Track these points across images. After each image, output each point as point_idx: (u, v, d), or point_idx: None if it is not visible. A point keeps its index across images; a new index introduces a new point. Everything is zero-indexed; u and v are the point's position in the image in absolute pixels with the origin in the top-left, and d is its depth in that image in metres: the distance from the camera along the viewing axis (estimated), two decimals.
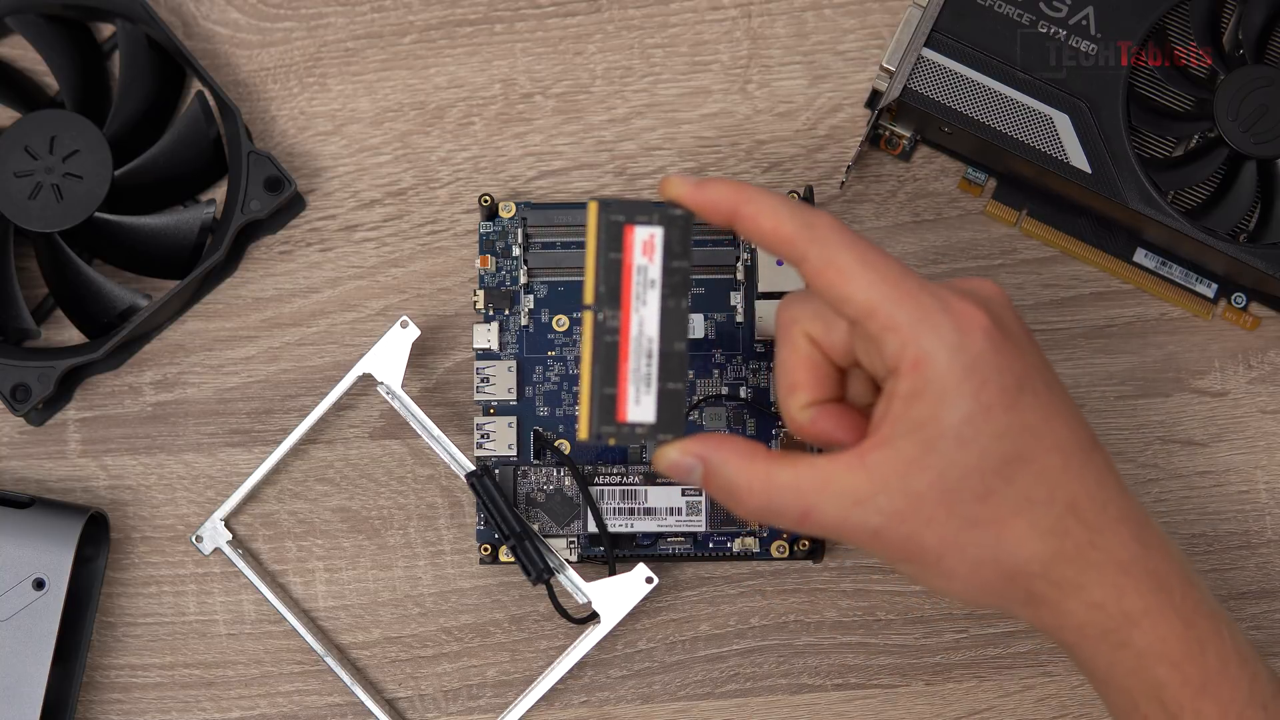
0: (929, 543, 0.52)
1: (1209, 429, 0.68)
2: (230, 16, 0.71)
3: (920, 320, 0.51)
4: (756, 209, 0.54)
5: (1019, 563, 0.52)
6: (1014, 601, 0.53)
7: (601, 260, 0.54)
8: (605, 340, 0.54)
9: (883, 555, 0.53)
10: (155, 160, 0.68)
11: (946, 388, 0.51)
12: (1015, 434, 0.52)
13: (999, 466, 0.52)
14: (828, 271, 0.52)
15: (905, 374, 0.51)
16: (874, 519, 0.52)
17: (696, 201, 0.54)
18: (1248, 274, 0.66)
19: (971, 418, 0.51)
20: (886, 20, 0.71)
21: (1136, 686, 0.53)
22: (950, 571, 0.53)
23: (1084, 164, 0.64)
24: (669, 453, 0.54)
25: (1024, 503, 0.52)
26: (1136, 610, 0.52)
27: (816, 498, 0.52)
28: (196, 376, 0.69)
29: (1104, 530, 0.53)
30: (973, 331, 0.52)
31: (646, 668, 0.67)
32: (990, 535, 0.52)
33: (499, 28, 0.71)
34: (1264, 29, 0.65)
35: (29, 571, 0.64)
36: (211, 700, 0.67)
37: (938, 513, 0.52)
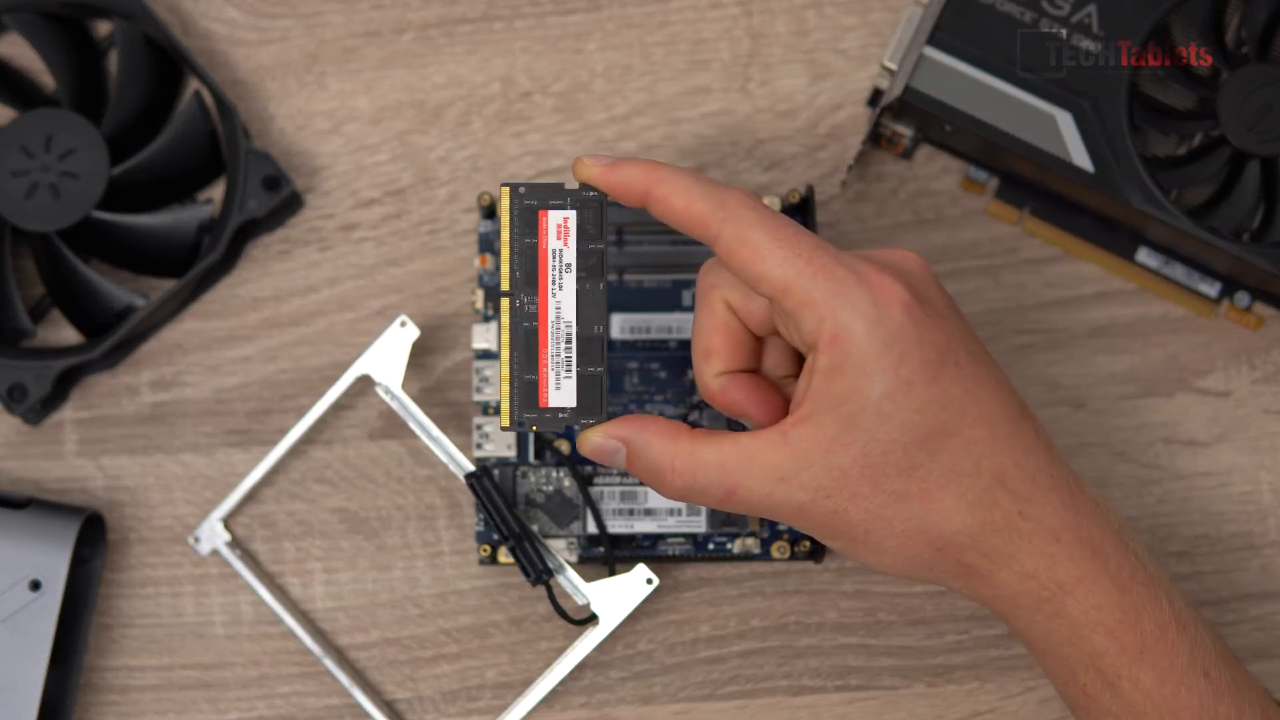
0: (855, 518, 0.52)
1: (1212, 429, 0.68)
2: (228, 14, 0.71)
3: (836, 294, 0.51)
4: (668, 189, 0.54)
5: (947, 535, 0.52)
6: (946, 574, 0.53)
7: (516, 245, 0.54)
8: (523, 326, 0.54)
9: (810, 531, 0.53)
10: (152, 159, 0.68)
11: (865, 361, 0.51)
12: (938, 407, 0.52)
13: (922, 440, 0.52)
14: (742, 250, 0.52)
15: (824, 349, 0.52)
16: (798, 495, 0.52)
17: (609, 183, 0.54)
18: (1251, 273, 0.66)
19: (892, 392, 0.51)
20: (888, 18, 0.70)
21: (1074, 655, 0.53)
22: (879, 545, 0.53)
23: (1086, 163, 0.64)
24: (592, 436, 0.55)
25: (950, 475, 0.52)
26: (1069, 578, 0.52)
27: (741, 475, 0.52)
28: (194, 376, 0.69)
29: (1033, 499, 0.52)
30: (890, 305, 0.52)
31: (646, 669, 0.67)
32: (917, 509, 0.52)
33: (498, 26, 0.71)
34: (1267, 27, 0.65)
35: (25, 573, 0.64)
36: (209, 702, 0.67)
37: (862, 487, 0.52)
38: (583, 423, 0.55)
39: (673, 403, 0.66)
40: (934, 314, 0.53)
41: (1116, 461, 0.68)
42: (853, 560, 0.54)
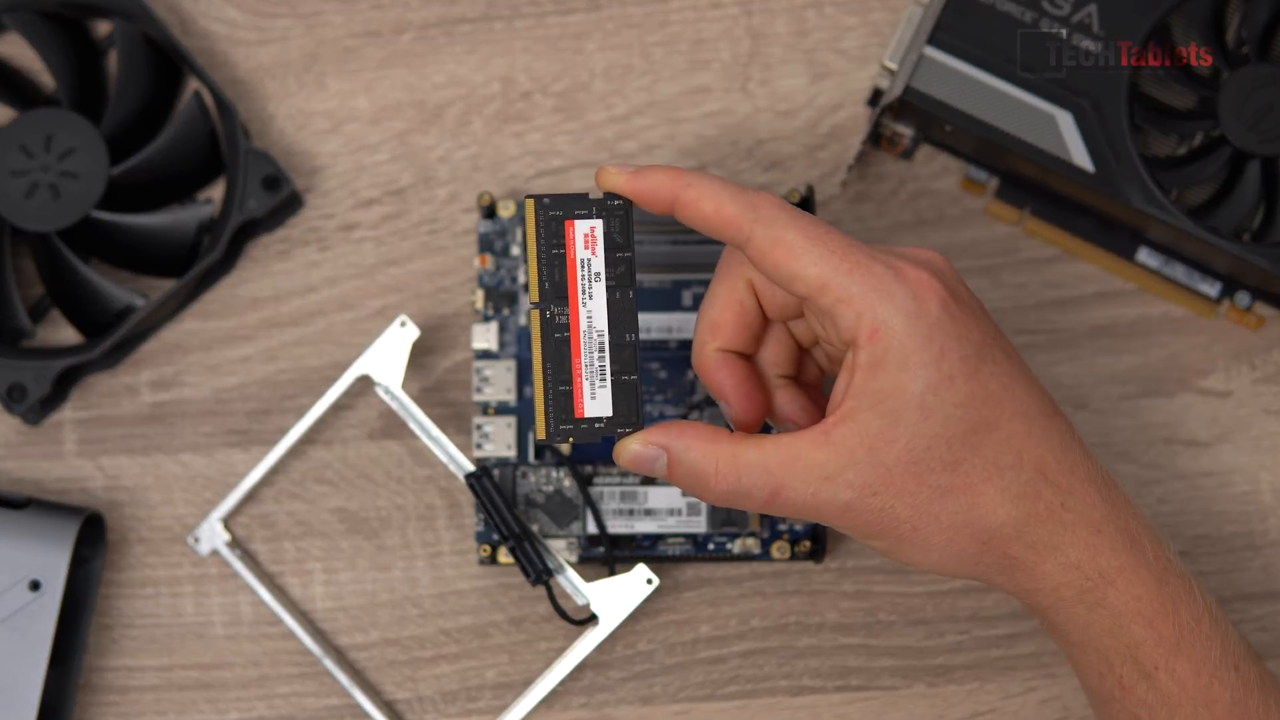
0: (902, 514, 0.52)
1: (1213, 429, 0.68)
2: (228, 14, 0.71)
3: (874, 289, 0.52)
4: (697, 193, 0.53)
5: (993, 527, 0.52)
6: (991, 568, 0.54)
7: (543, 256, 0.54)
8: (555, 337, 0.54)
9: (855, 531, 0.53)
10: (152, 159, 0.68)
11: (907, 355, 0.51)
12: (978, 402, 0.52)
13: (965, 434, 0.52)
14: (775, 250, 0.52)
15: (864, 344, 0.52)
16: (844, 494, 0.52)
17: (635, 190, 0.54)
18: (1252, 273, 0.66)
19: (935, 386, 0.51)
20: (888, 18, 0.70)
21: (1113, 646, 0.53)
22: (925, 542, 0.53)
23: (1087, 163, 0.64)
24: (630, 445, 0.54)
25: (993, 469, 0.52)
26: (1111, 568, 0.53)
27: (785, 474, 0.52)
28: (194, 376, 0.69)
29: (1074, 491, 0.53)
30: (928, 300, 0.52)
31: (646, 669, 0.67)
32: (963, 503, 0.52)
33: (498, 25, 0.71)
34: (1268, 27, 0.65)
35: (25, 573, 0.64)
36: (209, 702, 0.67)
37: (908, 484, 0.52)
38: (619, 432, 0.54)
39: (673, 403, 0.66)
40: (967, 310, 0.53)
41: (1117, 461, 0.68)
42: (897, 560, 0.54)
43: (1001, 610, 0.67)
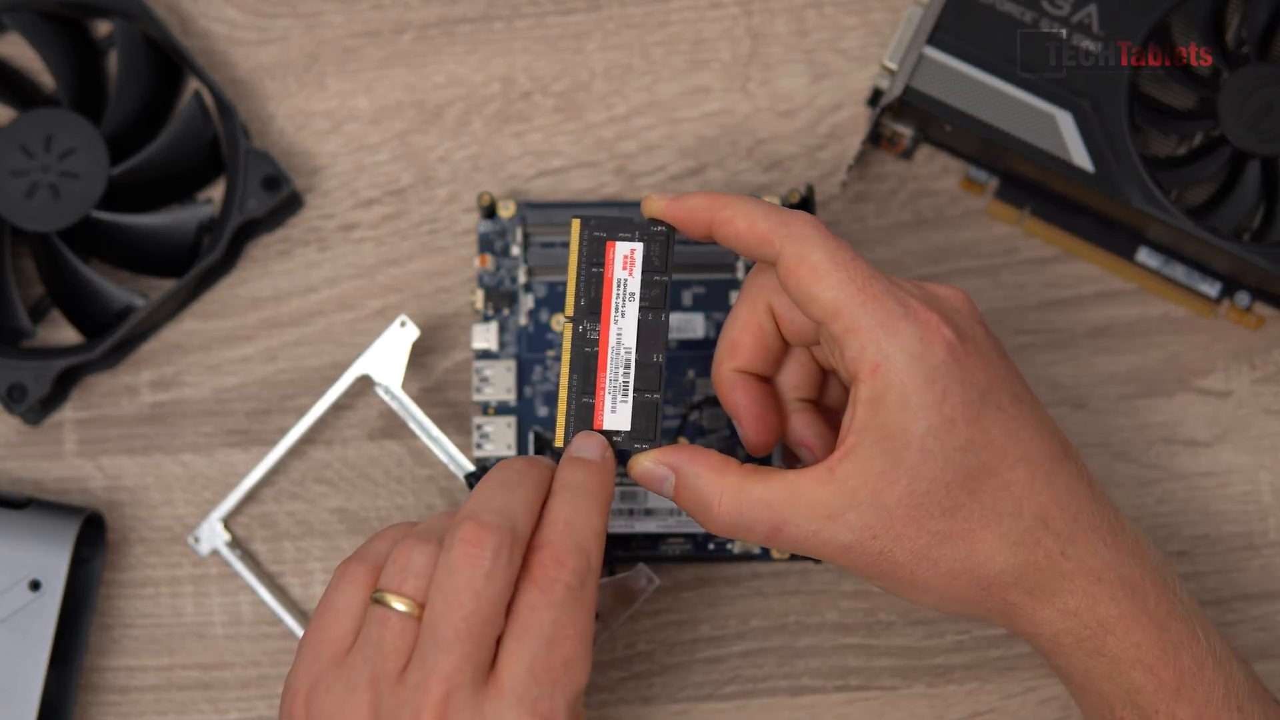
0: (901, 559, 0.52)
1: (1212, 429, 0.68)
2: (228, 14, 0.71)
3: (881, 324, 0.52)
4: (732, 212, 0.54)
5: (991, 574, 0.53)
6: (991, 611, 0.54)
7: (583, 274, 0.56)
8: (584, 351, 0.55)
9: (855, 570, 0.54)
10: (152, 159, 0.68)
11: (907, 395, 0.51)
12: (979, 447, 0.52)
13: (964, 480, 0.52)
14: (799, 268, 0.53)
15: (865, 379, 0.52)
16: (844, 535, 0.52)
17: (675, 214, 0.55)
18: (1251, 273, 0.66)
19: (935, 429, 0.51)
20: (888, 18, 0.70)
21: (1113, 691, 0.53)
22: (925, 585, 0.53)
23: (1087, 163, 0.64)
24: (642, 461, 0.55)
25: (991, 515, 0.52)
26: (1110, 617, 0.53)
27: (788, 511, 0.53)
28: (194, 376, 0.69)
29: (1075, 539, 0.53)
30: (935, 341, 0.52)
31: (646, 669, 0.67)
32: (961, 550, 0.52)
33: (498, 25, 0.71)
34: (1268, 27, 0.65)
35: (25, 573, 0.64)
36: (209, 702, 0.67)
37: (908, 529, 0.52)
38: (636, 447, 0.55)
39: (672, 403, 0.66)
40: (976, 353, 0.53)
41: (1117, 461, 0.68)
42: (906, 601, 0.55)
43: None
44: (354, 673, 0.50)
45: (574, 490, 0.53)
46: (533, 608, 0.50)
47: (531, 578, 0.50)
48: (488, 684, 0.49)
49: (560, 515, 0.52)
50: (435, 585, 0.50)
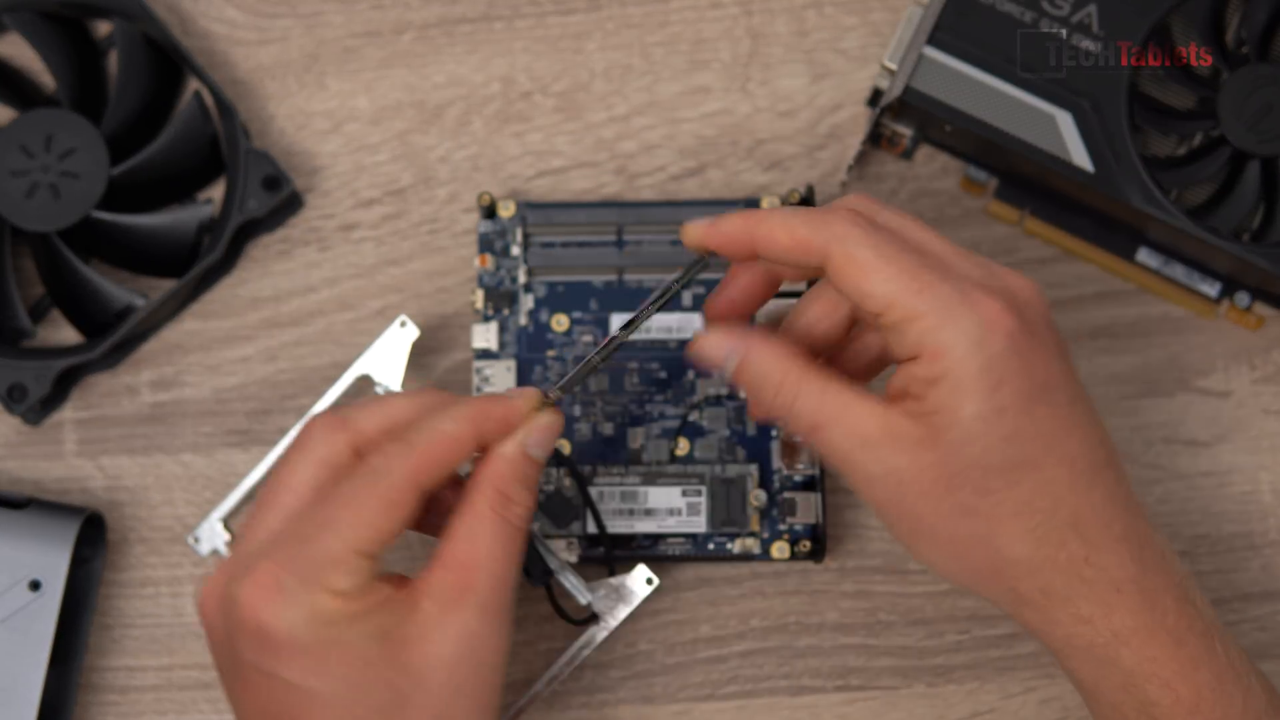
0: (922, 513, 0.52)
1: (1212, 429, 0.68)
2: (228, 14, 0.71)
3: (939, 312, 0.51)
4: (770, 226, 0.54)
5: (1006, 559, 0.52)
6: (1000, 594, 0.54)
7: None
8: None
9: (876, 507, 0.53)
10: (152, 159, 0.68)
11: (962, 381, 0.51)
12: (1026, 440, 0.52)
13: (1003, 468, 0.52)
14: (848, 267, 0.52)
15: (924, 361, 0.52)
16: (873, 467, 0.52)
17: (715, 240, 0.55)
18: (1251, 273, 0.66)
19: (984, 415, 0.51)
20: (888, 18, 0.70)
21: (1126, 702, 0.53)
22: (939, 546, 0.53)
23: (1086, 163, 0.64)
24: (708, 339, 0.55)
25: (1024, 508, 0.52)
26: (1125, 629, 0.52)
27: (832, 418, 0.53)
28: (194, 376, 0.69)
29: (1103, 548, 0.52)
30: (995, 330, 0.51)
31: (647, 669, 0.67)
32: (982, 527, 0.52)
33: (498, 25, 0.71)
34: (1268, 27, 0.65)
35: (25, 573, 0.64)
36: (209, 702, 0.67)
37: (935, 489, 0.52)
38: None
39: (673, 402, 0.66)
40: (1039, 346, 0.52)
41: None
42: (911, 555, 0.54)
43: (1001, 610, 0.67)
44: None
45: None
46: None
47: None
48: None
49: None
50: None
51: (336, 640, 0.51)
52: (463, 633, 0.52)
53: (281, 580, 0.51)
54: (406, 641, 0.51)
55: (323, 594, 0.51)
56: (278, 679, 0.51)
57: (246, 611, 0.51)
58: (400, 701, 0.51)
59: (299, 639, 0.50)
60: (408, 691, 0.51)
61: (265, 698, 0.52)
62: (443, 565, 0.52)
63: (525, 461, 0.54)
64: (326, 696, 0.51)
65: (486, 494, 0.53)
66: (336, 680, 0.51)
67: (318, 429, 0.54)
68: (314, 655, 0.51)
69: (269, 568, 0.51)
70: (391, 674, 0.51)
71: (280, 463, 0.55)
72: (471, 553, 0.52)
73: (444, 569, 0.52)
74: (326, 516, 0.51)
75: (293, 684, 0.51)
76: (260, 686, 0.52)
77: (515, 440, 0.54)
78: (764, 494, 0.65)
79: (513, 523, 0.53)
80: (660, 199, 0.69)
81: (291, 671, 0.51)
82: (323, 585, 0.51)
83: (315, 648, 0.51)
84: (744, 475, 0.65)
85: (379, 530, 0.51)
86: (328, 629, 0.50)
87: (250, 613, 0.51)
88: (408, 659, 0.51)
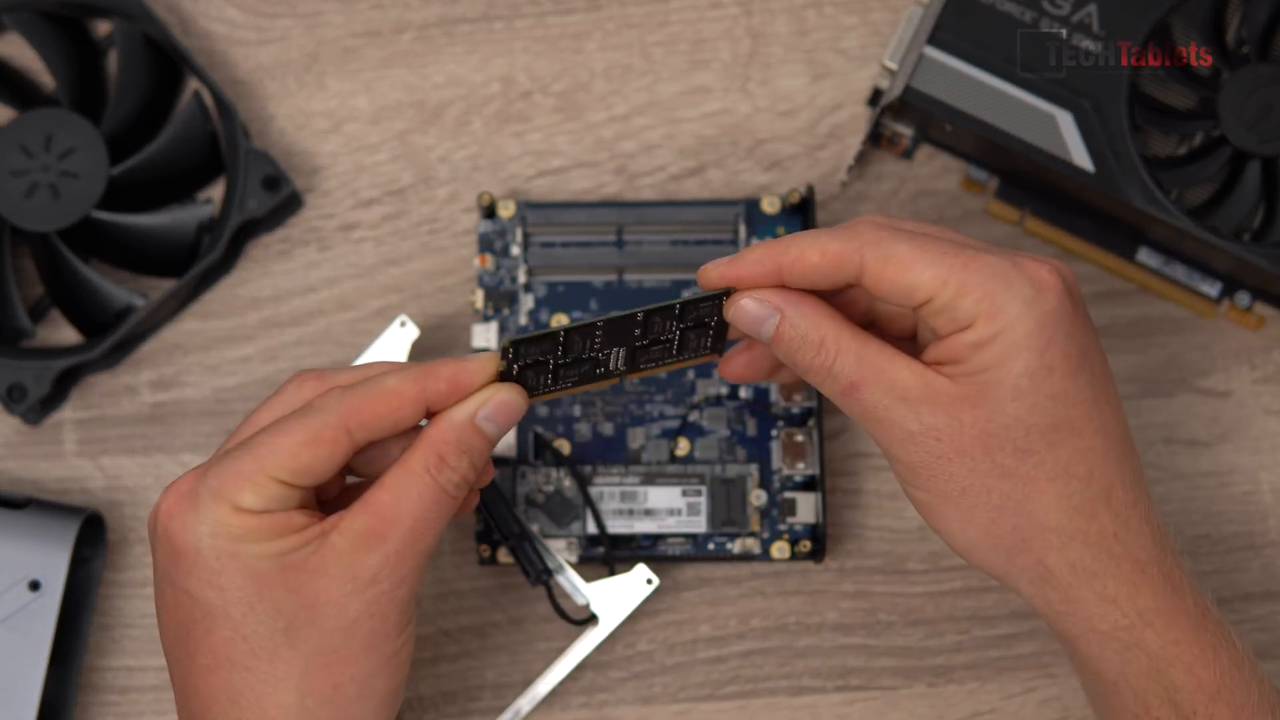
0: (956, 473, 0.52)
1: (1213, 429, 0.68)
2: (228, 14, 0.71)
3: (993, 278, 0.52)
4: (798, 249, 0.54)
5: (1038, 528, 0.52)
6: (1023, 571, 0.53)
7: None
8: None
9: (908, 468, 0.53)
10: (152, 159, 0.68)
11: (1016, 338, 0.51)
12: (1070, 403, 0.52)
13: (1046, 429, 0.52)
14: (888, 268, 0.52)
15: (978, 327, 0.52)
16: (911, 423, 0.52)
17: (738, 275, 0.54)
18: (1252, 273, 0.66)
19: (1032, 372, 0.51)
20: (888, 18, 0.70)
21: (1150, 689, 0.53)
22: (968, 513, 0.53)
23: (1087, 162, 0.64)
24: (745, 300, 0.54)
25: (1062, 473, 0.52)
26: (1150, 609, 0.52)
27: (872, 374, 0.53)
28: (194, 376, 0.69)
29: (1130, 525, 0.53)
30: (1047, 291, 0.52)
31: (646, 669, 0.67)
32: (1019, 490, 0.52)
33: (498, 25, 0.71)
34: (1268, 27, 0.65)
35: (24, 573, 0.64)
36: None
37: (974, 448, 0.52)
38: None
39: (672, 402, 0.66)
40: (1079, 316, 0.53)
41: None
42: (930, 524, 0.54)
43: (1001, 610, 0.67)
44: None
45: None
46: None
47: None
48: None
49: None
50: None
51: (234, 554, 0.51)
52: (363, 577, 0.52)
53: (196, 490, 0.52)
54: (305, 570, 0.52)
55: (227, 507, 0.51)
56: (182, 590, 0.52)
57: (162, 518, 0.53)
58: (290, 629, 0.52)
59: (201, 549, 0.52)
60: (299, 621, 0.52)
61: (172, 609, 0.53)
62: (363, 508, 0.53)
63: (471, 430, 0.54)
64: (220, 612, 0.52)
65: (424, 452, 0.53)
66: (230, 595, 0.51)
67: (296, 380, 0.56)
68: (212, 568, 0.51)
69: (189, 478, 0.53)
70: (285, 599, 0.51)
71: (257, 406, 0.56)
72: (393, 505, 0.52)
73: (363, 512, 0.52)
74: (254, 439, 0.53)
75: (193, 595, 0.52)
76: (169, 598, 0.53)
77: (467, 407, 0.54)
78: (764, 494, 0.65)
79: (444, 488, 0.53)
80: (660, 199, 0.69)
81: (190, 582, 0.52)
82: (229, 499, 0.52)
83: (214, 560, 0.51)
84: (744, 475, 0.65)
85: (298, 460, 0.52)
86: (228, 543, 0.51)
87: (164, 519, 0.52)
88: (302, 586, 0.52)
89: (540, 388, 0.55)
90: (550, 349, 0.54)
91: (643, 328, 0.55)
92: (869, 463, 0.68)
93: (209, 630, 0.52)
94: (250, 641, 0.52)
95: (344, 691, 0.52)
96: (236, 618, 0.51)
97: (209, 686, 0.52)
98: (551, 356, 0.54)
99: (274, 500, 0.52)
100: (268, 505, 0.52)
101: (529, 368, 0.54)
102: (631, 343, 0.55)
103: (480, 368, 0.54)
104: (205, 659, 0.52)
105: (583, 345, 0.54)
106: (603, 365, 0.55)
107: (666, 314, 0.55)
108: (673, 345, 0.56)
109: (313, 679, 0.52)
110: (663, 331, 0.55)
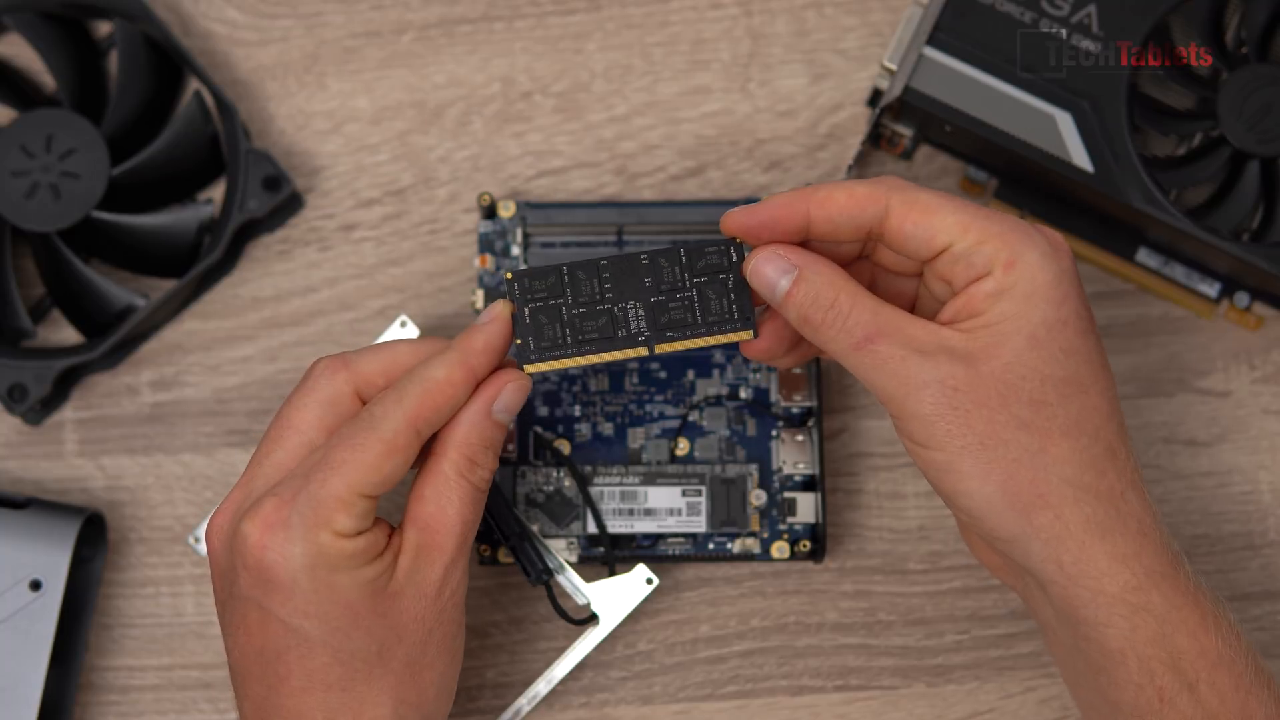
0: (975, 424, 0.52)
1: (1212, 429, 0.68)
2: (228, 15, 0.71)
3: (1014, 229, 0.54)
4: (825, 193, 0.55)
5: (1055, 481, 0.52)
6: (1039, 530, 0.52)
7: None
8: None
9: (923, 427, 0.53)
10: (153, 159, 0.68)
11: (1035, 288, 0.53)
12: (1080, 359, 0.53)
13: (1058, 382, 0.53)
14: (913, 212, 0.54)
15: (996, 275, 0.53)
16: (928, 372, 0.53)
17: (762, 219, 0.55)
18: (1251, 273, 0.66)
19: (1050, 323, 0.53)
20: (887, 18, 0.70)
21: (1155, 655, 0.52)
22: (986, 467, 0.52)
23: (1086, 163, 0.64)
24: (760, 259, 0.55)
25: (1074, 427, 0.53)
26: (1156, 570, 0.52)
27: (888, 328, 0.53)
28: (194, 376, 0.69)
29: (1131, 487, 0.53)
30: (1062, 251, 0.54)
31: (646, 669, 0.67)
32: (1035, 442, 0.52)
33: (498, 26, 0.71)
34: (1267, 27, 0.65)
35: (25, 573, 0.64)
36: (209, 702, 0.67)
37: (991, 398, 0.52)
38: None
39: (672, 403, 0.66)
40: (1081, 285, 0.55)
41: None
42: (943, 488, 0.53)
43: (1001, 610, 0.67)
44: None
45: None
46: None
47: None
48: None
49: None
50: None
51: (330, 585, 0.53)
52: (431, 591, 0.55)
53: (288, 518, 0.53)
54: (387, 594, 0.54)
55: (326, 533, 0.53)
56: (272, 616, 0.53)
57: (252, 547, 0.53)
58: (382, 651, 0.54)
59: (298, 578, 0.53)
60: (389, 642, 0.54)
61: (258, 634, 0.54)
62: (415, 526, 0.55)
63: (490, 425, 0.56)
64: (318, 641, 0.53)
65: (454, 458, 0.56)
66: (328, 625, 0.53)
67: (321, 370, 0.56)
68: (309, 597, 0.53)
69: (276, 505, 0.53)
70: (375, 624, 0.54)
71: (285, 402, 0.57)
72: (439, 515, 0.55)
73: (415, 530, 0.55)
74: (333, 458, 0.54)
75: (286, 623, 0.53)
76: (255, 622, 0.54)
77: (480, 404, 0.56)
78: (764, 494, 0.65)
79: (478, 486, 0.56)
80: (660, 199, 0.70)
81: (286, 610, 0.53)
82: (327, 525, 0.53)
83: (311, 589, 0.53)
84: (744, 475, 0.66)
85: (380, 472, 0.54)
86: (325, 573, 0.53)
87: (255, 549, 0.53)
88: (388, 611, 0.54)
89: (558, 341, 0.56)
90: (556, 286, 0.56)
91: (651, 273, 0.56)
92: (869, 463, 0.68)
93: (304, 656, 0.54)
94: (347, 666, 0.54)
95: (427, 694, 0.56)
96: (334, 645, 0.54)
97: (302, 705, 0.54)
98: (561, 300, 0.56)
99: (363, 518, 0.54)
100: (359, 525, 0.54)
101: (541, 310, 0.56)
102: (646, 295, 0.56)
103: (500, 327, 0.56)
104: (299, 681, 0.54)
105: (591, 287, 0.56)
106: (622, 325, 0.56)
107: (672, 258, 0.56)
108: (693, 305, 0.56)
109: (403, 690, 0.55)
110: (676, 282, 0.56)
